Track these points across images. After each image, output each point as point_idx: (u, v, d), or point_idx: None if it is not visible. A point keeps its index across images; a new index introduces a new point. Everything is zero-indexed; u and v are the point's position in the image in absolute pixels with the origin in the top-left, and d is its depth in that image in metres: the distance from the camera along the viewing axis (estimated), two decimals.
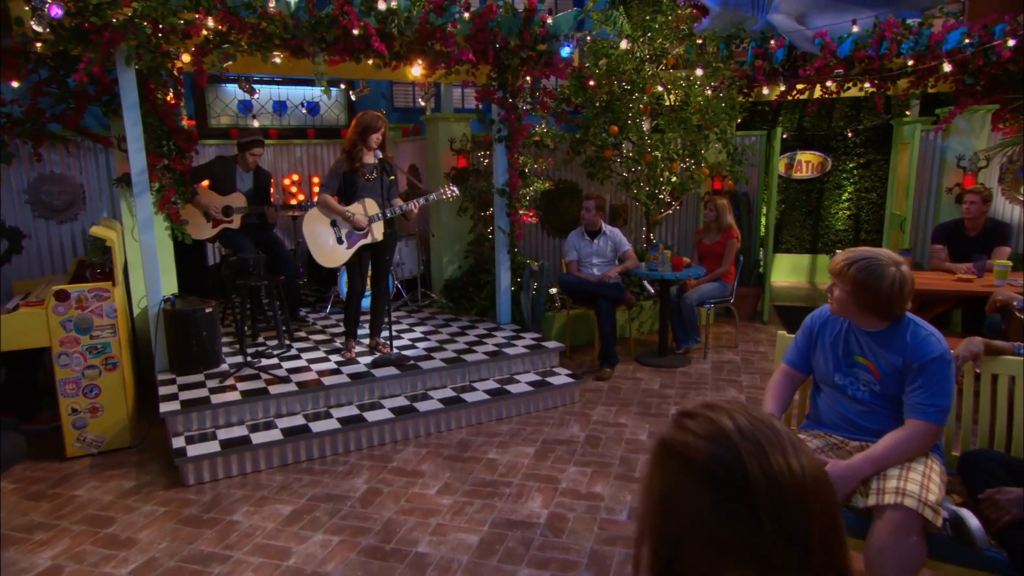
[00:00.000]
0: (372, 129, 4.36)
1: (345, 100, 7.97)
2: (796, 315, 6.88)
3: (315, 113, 7.87)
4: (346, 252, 4.48)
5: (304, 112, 7.82)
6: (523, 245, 6.45)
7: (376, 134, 4.36)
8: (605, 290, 5.17)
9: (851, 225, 8.43)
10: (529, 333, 5.23)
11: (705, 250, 5.74)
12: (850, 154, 8.31)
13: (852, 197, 8.37)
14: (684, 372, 5.20)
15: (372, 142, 4.38)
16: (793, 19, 6.36)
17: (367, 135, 4.37)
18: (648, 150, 5.83)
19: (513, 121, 5.20)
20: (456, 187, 4.62)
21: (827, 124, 8.24)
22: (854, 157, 8.30)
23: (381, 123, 4.38)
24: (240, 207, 5.39)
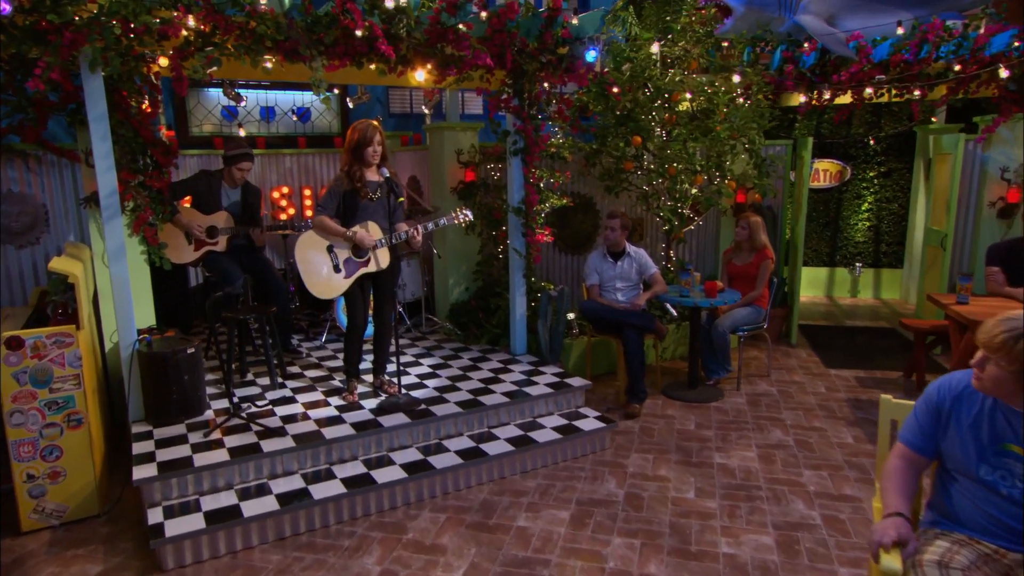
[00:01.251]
0: (365, 142, 3.81)
1: (339, 106, 7.40)
2: (823, 336, 6.43)
3: (306, 120, 7.29)
4: (343, 282, 3.93)
5: (294, 119, 7.24)
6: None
7: (371, 147, 3.82)
8: (633, 319, 4.67)
9: (871, 237, 8.00)
10: (549, 367, 4.71)
11: (736, 271, 5.25)
12: (870, 162, 7.88)
13: (872, 208, 7.94)
14: (718, 408, 4.71)
15: (369, 156, 3.84)
16: (823, 20, 5.90)
17: (361, 151, 3.83)
18: (671, 162, 5.33)
19: (530, 132, 4.68)
20: (469, 211, 4.08)
21: (846, 131, 7.81)
22: (874, 166, 7.87)
23: (374, 131, 3.83)
24: (226, 227, 4.81)
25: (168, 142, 4.13)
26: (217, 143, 6.57)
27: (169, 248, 4.19)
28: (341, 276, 3.92)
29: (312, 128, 7.34)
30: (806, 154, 5.85)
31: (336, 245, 3.91)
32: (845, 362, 5.63)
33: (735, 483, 3.62)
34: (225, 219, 4.83)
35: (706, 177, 5.59)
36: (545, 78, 4.60)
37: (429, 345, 5.32)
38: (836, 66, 5.72)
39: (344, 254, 3.93)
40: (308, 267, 3.88)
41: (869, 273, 8.08)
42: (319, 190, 6.78)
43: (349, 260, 3.93)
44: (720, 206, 5.58)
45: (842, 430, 4.27)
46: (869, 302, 7.92)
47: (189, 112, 6.87)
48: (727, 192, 5.44)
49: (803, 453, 3.95)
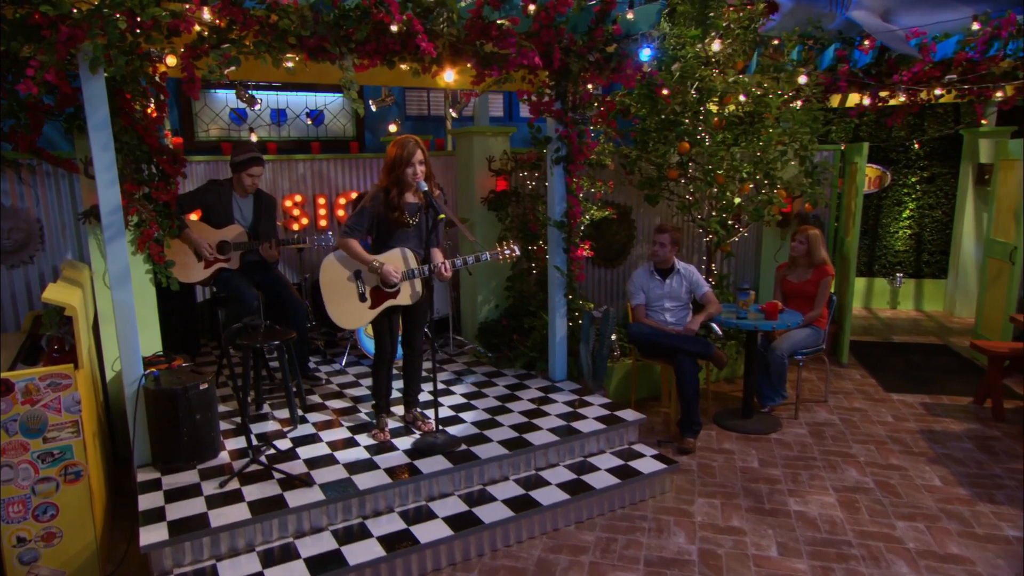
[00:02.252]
0: (403, 162, 3.37)
1: (352, 108, 6.96)
2: (873, 354, 6.00)
3: (319, 123, 6.86)
4: (368, 313, 3.50)
5: (308, 122, 6.80)
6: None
7: (411, 167, 3.38)
8: (688, 344, 4.24)
9: (912, 246, 7.58)
10: (594, 397, 4.28)
11: (792, 289, 4.83)
12: (912, 167, 7.46)
13: (914, 215, 7.52)
14: (779, 440, 4.28)
15: (409, 178, 3.40)
16: (878, 16, 5.48)
17: (400, 171, 3.38)
18: (720, 170, 4.91)
19: (574, 138, 4.25)
20: (517, 245, 3.63)
21: (886, 134, 7.39)
22: (916, 170, 7.45)
23: (414, 148, 3.39)
24: (239, 242, 4.38)
25: (175, 150, 3.71)
26: (225, 148, 6.14)
27: (177, 266, 3.77)
28: (366, 306, 3.48)
29: (326, 132, 6.91)
30: (860, 160, 5.43)
31: (364, 272, 3.48)
32: (905, 385, 5.21)
33: (820, 537, 3.19)
34: (237, 233, 4.40)
35: (752, 185, 5.17)
36: (590, 79, 4.17)
37: (458, 369, 4.88)
38: (895, 65, 5.30)
39: (372, 282, 3.50)
40: (332, 293, 3.45)
41: (910, 284, 7.66)
42: (334, 199, 6.34)
43: (377, 290, 3.50)
44: (771, 217, 5.15)
45: (924, 469, 3.85)
46: (911, 314, 7.50)
47: (195, 115, 6.44)
48: (779, 201, 5.01)
49: (889, 499, 3.52)
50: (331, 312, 3.45)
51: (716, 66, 4.88)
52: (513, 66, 3.67)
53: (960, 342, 6.32)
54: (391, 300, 3.52)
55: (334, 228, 6.36)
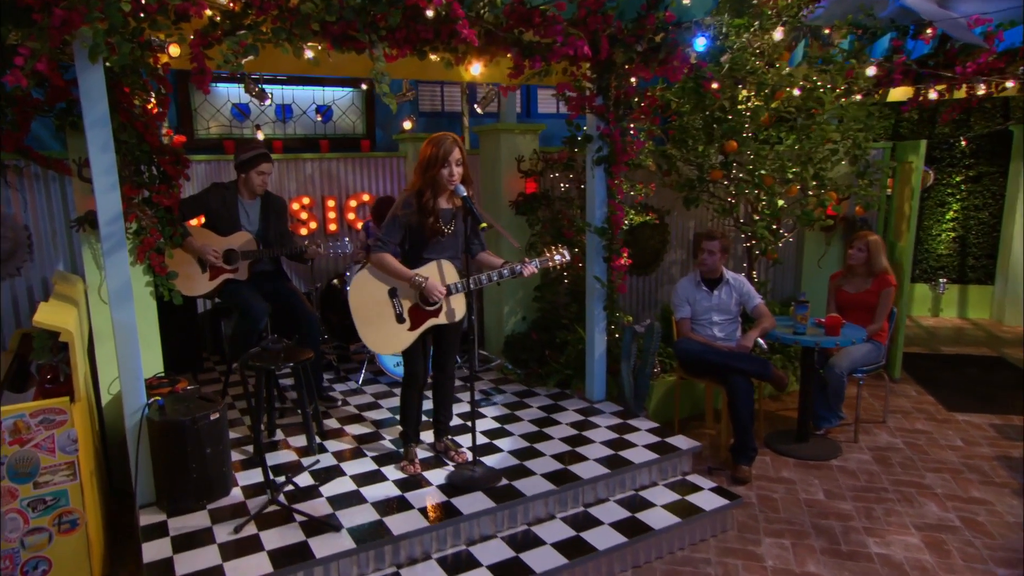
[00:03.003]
0: (439, 161, 3.05)
1: (363, 103, 6.66)
2: (925, 367, 5.72)
3: (327, 119, 6.56)
4: (408, 336, 3.20)
5: (318, 118, 6.50)
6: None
7: (447, 168, 3.07)
8: (743, 363, 3.95)
9: (956, 249, 7.30)
10: (638, 420, 3.99)
11: (848, 301, 4.54)
12: (956, 166, 7.18)
13: (958, 216, 7.24)
14: (842, 467, 4.00)
15: (445, 180, 3.09)
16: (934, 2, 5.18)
17: (435, 173, 3.07)
18: (768, 170, 4.61)
19: (617, 137, 3.95)
20: (567, 249, 3.34)
21: (929, 131, 7.10)
22: (962, 169, 7.17)
23: (451, 147, 3.08)
24: (247, 250, 4.09)
25: (177, 149, 3.42)
26: (228, 147, 5.83)
27: (179, 278, 3.46)
28: (405, 327, 3.18)
29: (334, 129, 6.60)
30: (916, 159, 5.14)
31: (400, 288, 3.18)
32: (968, 403, 4.93)
33: None
34: (245, 241, 4.10)
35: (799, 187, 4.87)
36: (635, 71, 3.87)
37: (485, 388, 4.58)
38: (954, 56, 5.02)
39: (409, 301, 3.19)
40: (366, 316, 3.14)
41: (954, 290, 7.38)
42: (344, 201, 6.05)
43: (416, 308, 3.20)
44: (823, 221, 4.86)
45: (1012, 503, 3.56)
46: (955, 322, 7.22)
47: (194, 111, 6.13)
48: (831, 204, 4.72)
49: (980, 539, 3.23)
50: (366, 338, 3.15)
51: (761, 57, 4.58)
52: (557, 56, 3.38)
53: (1015, 353, 6.05)
54: (432, 319, 3.22)
55: (344, 233, 6.06)
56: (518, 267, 3.24)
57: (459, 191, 3.08)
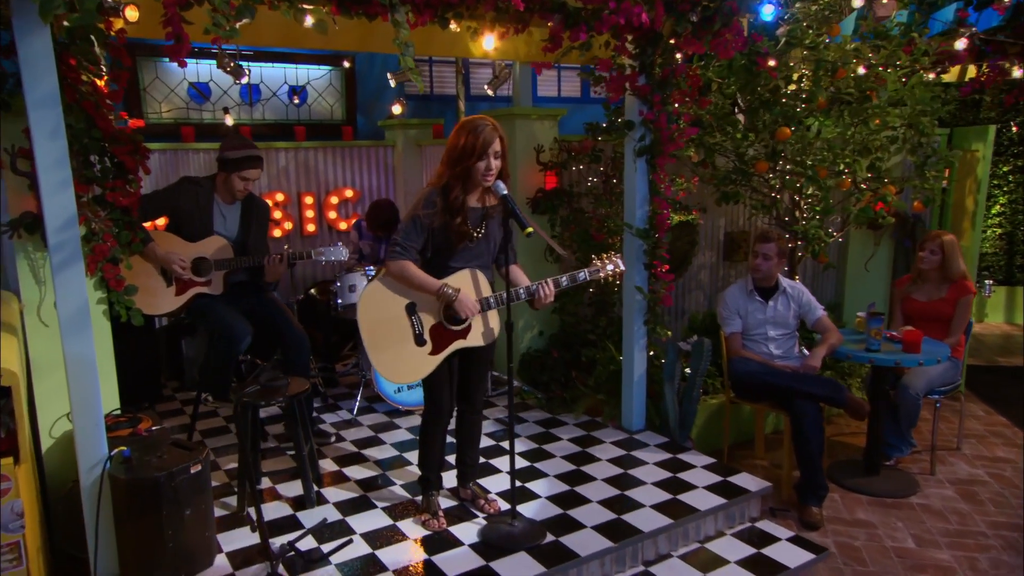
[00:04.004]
0: (477, 153, 2.66)
1: (342, 84, 6.25)
2: (986, 381, 5.52)
3: (301, 102, 6.13)
4: (431, 361, 2.83)
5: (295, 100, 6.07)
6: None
7: (485, 161, 2.70)
8: (811, 385, 3.66)
9: (1003, 247, 7.16)
10: (692, 455, 3.69)
11: (917, 310, 4.28)
12: (1004, 155, 7.03)
13: (1005, 211, 7.09)
14: (926, 507, 3.73)
15: (480, 175, 2.72)
16: None
17: (468, 165, 2.68)
18: (822, 161, 4.35)
19: (663, 123, 3.63)
20: (620, 259, 3.03)
21: (973, 115, 6.93)
22: (1009, 158, 7.02)
23: (493, 136, 2.70)
24: (222, 259, 3.68)
25: (135, 136, 3.02)
26: (185, 133, 5.38)
27: (139, 293, 3.07)
28: (426, 351, 2.81)
29: (309, 114, 6.19)
30: (983, 147, 4.92)
31: (420, 303, 2.81)
32: None
33: None
34: (219, 248, 3.70)
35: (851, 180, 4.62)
36: (685, 45, 3.56)
37: (502, 414, 4.24)
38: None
39: (431, 317, 2.83)
40: (378, 338, 2.76)
41: (1000, 292, 7.23)
42: (323, 197, 5.65)
43: (439, 328, 2.83)
44: (885, 219, 4.60)
45: None
46: (1003, 328, 7.08)
47: (143, 91, 5.67)
48: (900, 203, 4.48)
49: None
50: (380, 364, 2.77)
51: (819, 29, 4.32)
52: (607, 27, 3.05)
53: None
54: (459, 341, 2.86)
55: (325, 235, 5.67)
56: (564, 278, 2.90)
57: (498, 189, 2.72)
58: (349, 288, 4.27)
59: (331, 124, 6.17)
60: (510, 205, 2.70)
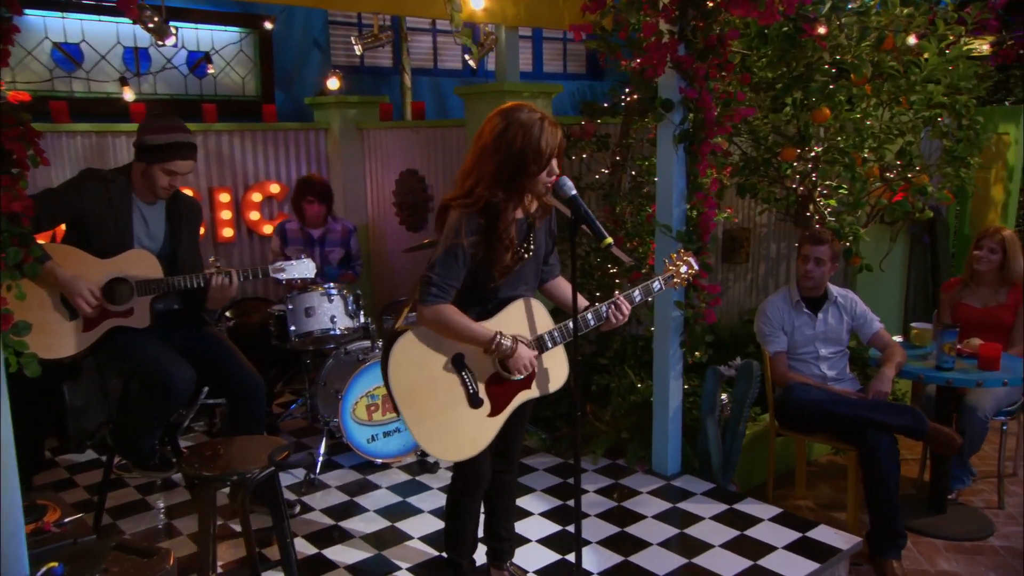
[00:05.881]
0: (540, 159, 2.29)
1: (256, 52, 5.69)
2: None
3: (201, 73, 5.53)
4: (493, 424, 2.46)
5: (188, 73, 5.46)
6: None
7: (548, 169, 2.34)
8: (885, 415, 3.50)
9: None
10: (754, 505, 3.47)
11: (972, 317, 4.23)
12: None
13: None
14: (1010, 548, 3.61)
15: (543, 185, 2.35)
16: None
17: (530, 171, 2.30)
18: (853, 146, 4.28)
19: (709, 102, 3.39)
20: (692, 257, 2.76)
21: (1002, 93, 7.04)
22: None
23: (554, 132, 2.34)
24: (147, 279, 3.14)
25: (21, 111, 2.52)
26: (56, 109, 4.69)
27: (35, 331, 2.56)
28: (484, 413, 2.43)
29: (214, 88, 5.59)
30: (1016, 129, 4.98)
31: (469, 352, 2.42)
32: None
33: None
34: (143, 265, 3.15)
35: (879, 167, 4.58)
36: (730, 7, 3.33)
37: None
38: None
39: (485, 368, 2.44)
40: (421, 406, 2.34)
41: None
42: (242, 194, 5.10)
43: (496, 380, 2.45)
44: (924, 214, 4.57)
45: None
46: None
47: None
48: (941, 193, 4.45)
49: None
50: (430, 441, 2.35)
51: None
52: None
53: None
54: (524, 392, 2.50)
55: (244, 242, 5.13)
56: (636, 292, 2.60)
57: (566, 189, 2.35)
58: (306, 312, 3.78)
59: (243, 101, 5.62)
60: (580, 210, 2.34)
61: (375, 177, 5.31)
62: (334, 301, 3.83)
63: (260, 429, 3.31)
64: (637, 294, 2.62)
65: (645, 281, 2.67)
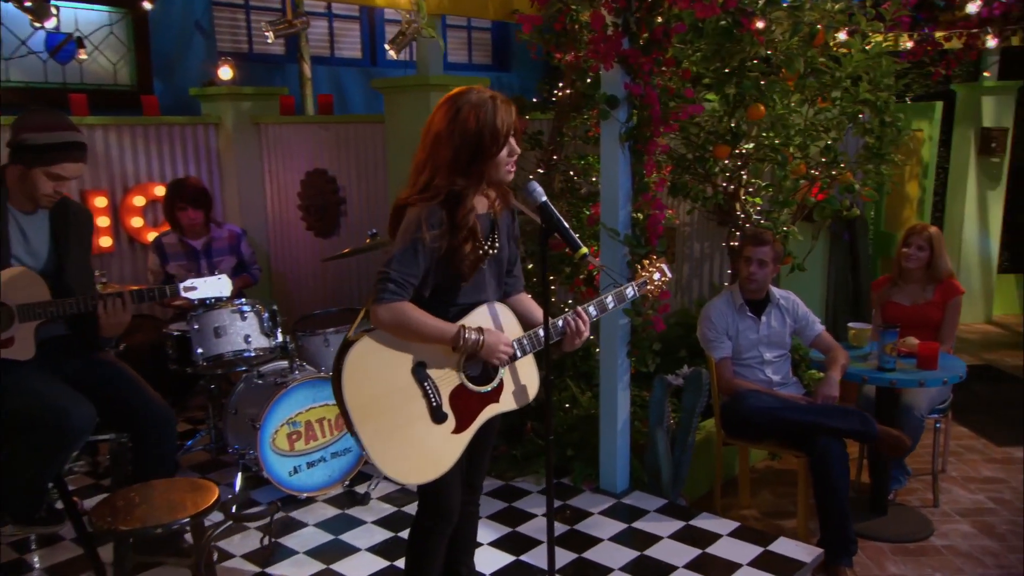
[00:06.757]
0: (497, 139, 2.24)
1: (129, 35, 5.30)
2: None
3: (66, 57, 5.11)
4: (458, 441, 2.36)
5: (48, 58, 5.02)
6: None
7: (507, 149, 2.29)
8: (835, 419, 3.61)
9: None
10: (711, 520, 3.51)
11: (901, 316, 4.40)
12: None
13: None
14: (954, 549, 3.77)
15: (505, 170, 2.32)
16: None
17: (490, 155, 2.26)
18: (791, 143, 4.42)
19: (655, 99, 3.39)
20: (665, 264, 2.75)
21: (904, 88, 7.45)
22: None
23: (508, 109, 2.29)
24: (29, 303, 2.85)
25: None
26: None
27: None
28: (448, 429, 2.31)
29: (80, 76, 5.17)
30: (929, 126, 5.27)
31: (431, 361, 2.30)
32: (1008, 433, 5.13)
33: None
34: (24, 285, 2.86)
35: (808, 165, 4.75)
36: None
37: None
38: None
39: (449, 379, 2.33)
40: (379, 422, 2.21)
41: None
42: (120, 198, 4.74)
43: (462, 392, 2.34)
44: (850, 212, 4.75)
45: None
46: None
47: None
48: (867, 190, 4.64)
49: None
50: (387, 461, 2.21)
51: None
52: None
53: (999, 358, 6.56)
54: (492, 406, 2.41)
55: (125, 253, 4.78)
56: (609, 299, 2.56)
57: (534, 193, 2.29)
58: (215, 332, 3.53)
59: (117, 91, 5.22)
60: (554, 219, 2.28)
61: (276, 177, 5.05)
62: (248, 318, 3.60)
63: (172, 469, 3.08)
64: (610, 301, 2.58)
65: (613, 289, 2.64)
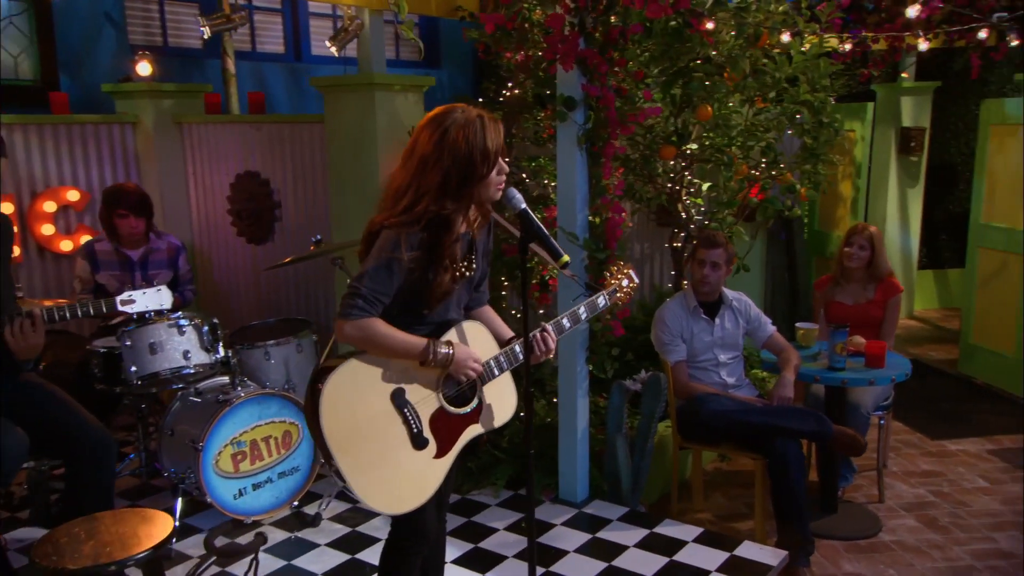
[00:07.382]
0: (486, 162, 2.26)
1: (31, 26, 5.06)
2: None
3: None
4: (439, 466, 2.37)
5: None
6: None
7: (497, 168, 2.31)
8: (791, 420, 3.75)
9: None
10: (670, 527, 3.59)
11: (843, 315, 4.60)
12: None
13: None
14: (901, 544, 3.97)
15: (492, 193, 2.33)
16: None
17: (480, 176, 2.27)
18: (735, 143, 4.57)
19: (610, 100, 3.45)
20: (632, 269, 2.82)
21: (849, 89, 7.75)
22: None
23: (496, 128, 2.31)
24: None
25: None
26: None
27: None
28: (429, 455, 2.31)
29: None
30: (860, 127, 5.51)
31: (409, 386, 2.29)
32: (943, 427, 5.41)
33: None
34: None
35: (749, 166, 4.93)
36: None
37: None
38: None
39: (429, 403, 2.33)
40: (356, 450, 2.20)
41: None
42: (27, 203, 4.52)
43: (441, 416, 2.35)
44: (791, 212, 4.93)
45: None
46: None
47: None
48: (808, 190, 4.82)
49: None
50: (366, 492, 2.20)
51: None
52: None
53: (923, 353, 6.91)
54: (472, 427, 2.43)
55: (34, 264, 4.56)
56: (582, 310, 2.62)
57: (513, 200, 2.31)
58: (150, 348, 3.40)
59: (19, 87, 4.96)
60: (535, 227, 2.30)
61: (201, 180, 4.90)
62: (186, 333, 3.49)
63: (110, 500, 2.96)
64: (583, 311, 2.62)
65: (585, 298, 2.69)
